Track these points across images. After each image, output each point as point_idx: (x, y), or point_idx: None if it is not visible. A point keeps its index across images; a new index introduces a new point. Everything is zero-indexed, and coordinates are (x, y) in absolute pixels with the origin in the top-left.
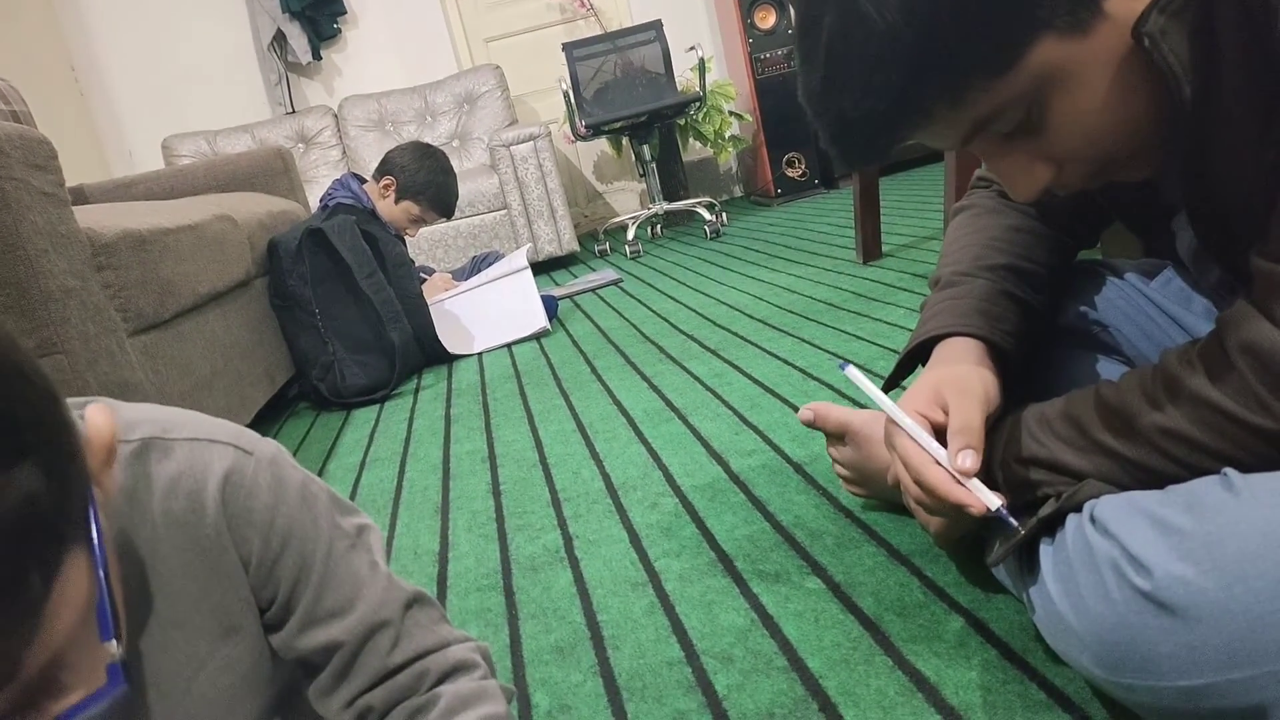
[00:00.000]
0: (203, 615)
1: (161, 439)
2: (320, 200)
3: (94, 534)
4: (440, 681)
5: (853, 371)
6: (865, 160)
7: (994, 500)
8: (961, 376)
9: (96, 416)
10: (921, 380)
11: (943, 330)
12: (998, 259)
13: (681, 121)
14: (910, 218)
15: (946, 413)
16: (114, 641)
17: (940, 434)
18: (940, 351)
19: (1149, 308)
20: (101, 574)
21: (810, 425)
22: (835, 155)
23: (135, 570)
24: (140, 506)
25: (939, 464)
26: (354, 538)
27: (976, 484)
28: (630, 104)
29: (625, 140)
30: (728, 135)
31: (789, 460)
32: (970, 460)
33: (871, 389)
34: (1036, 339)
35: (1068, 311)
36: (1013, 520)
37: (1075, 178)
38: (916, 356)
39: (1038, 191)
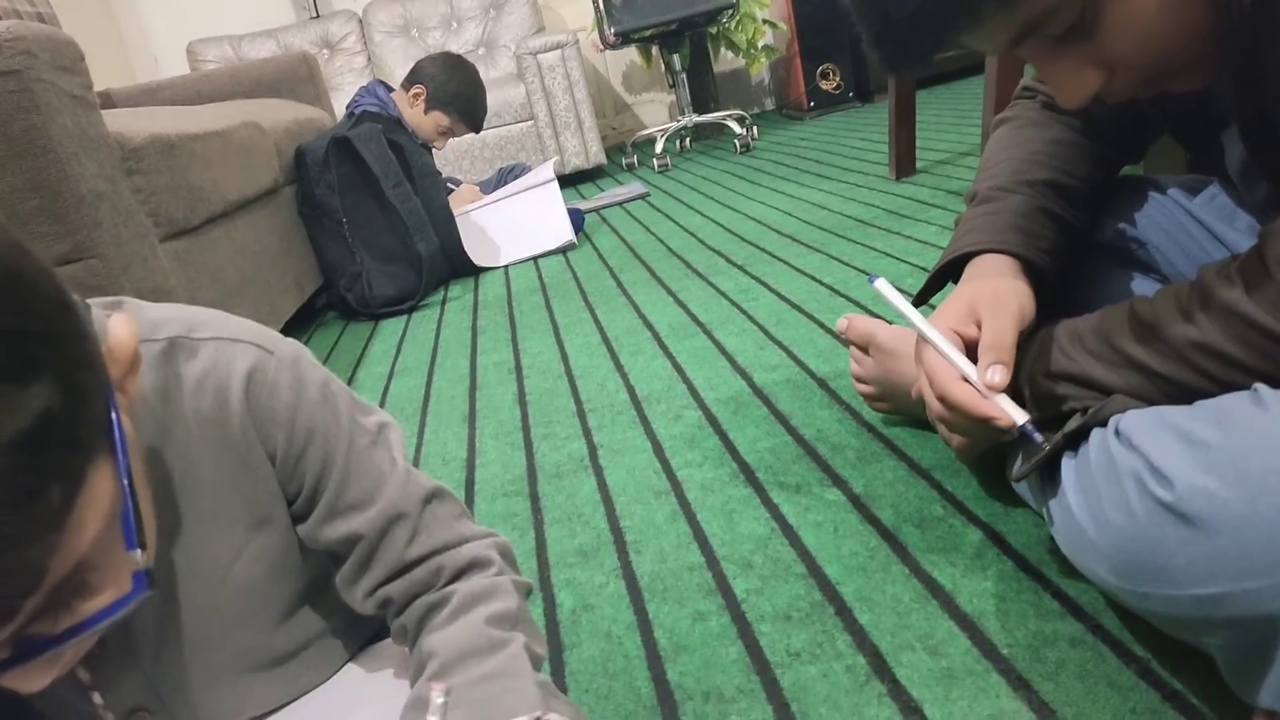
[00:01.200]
0: (236, 507)
1: (187, 339)
2: (347, 108)
3: (117, 443)
4: (455, 578)
5: (881, 284)
6: (908, 63)
7: (1020, 415)
8: (998, 292)
9: (118, 326)
10: (956, 295)
11: (978, 246)
12: (1038, 174)
13: (713, 30)
14: (946, 132)
15: (980, 328)
16: (139, 550)
17: (972, 349)
18: (974, 267)
19: (1190, 224)
20: (126, 483)
21: (842, 334)
22: (877, 59)
23: (173, 466)
24: (173, 404)
25: (966, 380)
26: (374, 435)
27: (1004, 399)
28: (661, 10)
29: (655, 49)
30: (760, 45)
31: (813, 376)
32: (1000, 376)
33: (901, 302)
34: (1073, 256)
35: (1106, 228)
36: (1038, 436)
37: (1126, 85)
38: (948, 273)
39: (1086, 98)
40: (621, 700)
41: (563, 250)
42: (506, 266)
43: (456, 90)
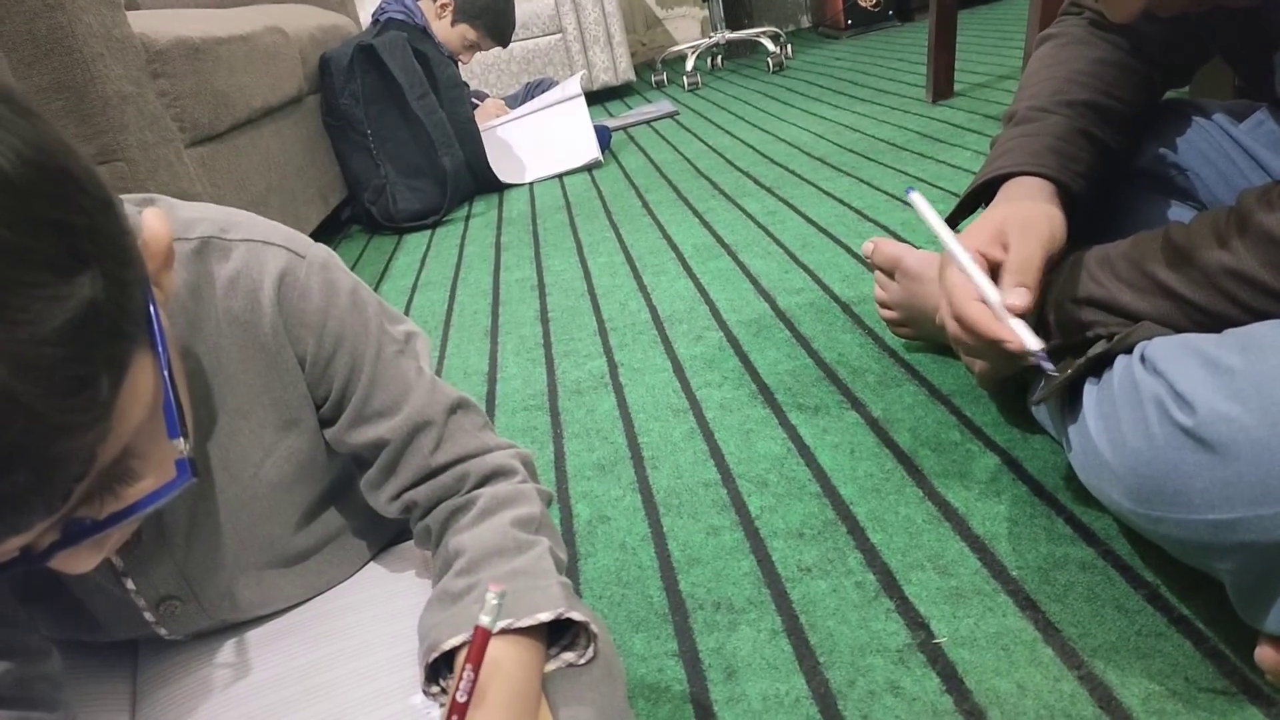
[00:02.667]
0: (265, 408)
1: (220, 239)
2: (373, 15)
3: (156, 335)
4: (480, 485)
5: (916, 198)
6: None
7: (1035, 342)
8: (1028, 215)
9: (152, 221)
10: (986, 216)
11: (1011, 169)
12: (1079, 94)
13: None
14: (987, 54)
15: (1007, 251)
16: (181, 439)
17: (997, 273)
18: (1008, 189)
19: (1233, 151)
20: (166, 374)
21: (867, 258)
22: None
23: (204, 362)
24: (204, 303)
25: (984, 301)
26: (402, 344)
27: (1021, 324)
28: None
29: None
30: None
31: (837, 299)
32: (1022, 299)
33: (933, 217)
34: (1111, 180)
35: (1146, 152)
36: (1050, 365)
37: None
38: (980, 195)
39: (1136, 12)
40: (634, 607)
41: (588, 168)
42: (531, 184)
43: (486, 4)
